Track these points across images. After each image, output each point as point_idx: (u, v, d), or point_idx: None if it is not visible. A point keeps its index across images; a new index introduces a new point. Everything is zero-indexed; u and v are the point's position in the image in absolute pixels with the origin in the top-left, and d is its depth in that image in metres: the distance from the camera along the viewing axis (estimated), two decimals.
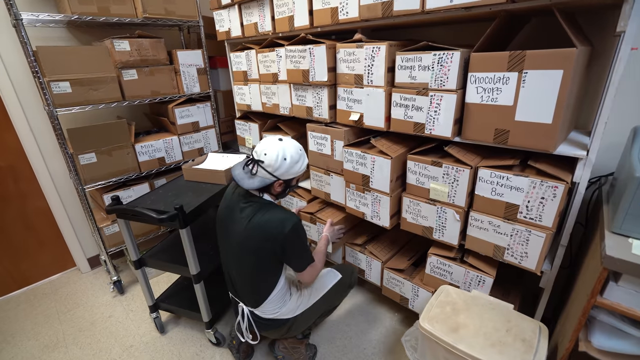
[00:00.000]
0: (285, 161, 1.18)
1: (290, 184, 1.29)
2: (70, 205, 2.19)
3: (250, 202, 1.25)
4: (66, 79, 1.66)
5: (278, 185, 1.24)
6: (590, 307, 0.92)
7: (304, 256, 1.28)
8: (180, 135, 2.13)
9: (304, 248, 1.26)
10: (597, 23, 1.22)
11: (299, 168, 1.23)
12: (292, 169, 1.21)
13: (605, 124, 0.98)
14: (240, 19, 1.91)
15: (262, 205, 1.23)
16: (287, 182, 1.27)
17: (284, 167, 1.18)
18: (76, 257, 2.32)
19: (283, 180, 1.23)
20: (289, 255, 1.25)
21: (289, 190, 1.33)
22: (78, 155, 1.75)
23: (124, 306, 2.01)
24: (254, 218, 1.20)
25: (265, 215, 1.20)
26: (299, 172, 1.25)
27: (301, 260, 1.28)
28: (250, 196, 1.27)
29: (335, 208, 1.87)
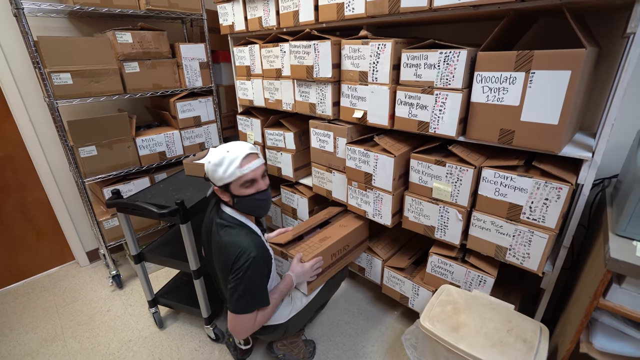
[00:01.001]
0: (209, 164, 1.11)
1: (230, 191, 1.13)
2: (69, 198, 2.17)
3: (221, 219, 1.18)
4: (67, 70, 1.64)
5: (221, 193, 1.15)
6: (592, 309, 0.92)
7: (242, 298, 1.08)
8: (181, 130, 2.12)
9: (247, 290, 1.08)
10: (605, 24, 1.22)
11: (223, 173, 1.08)
12: (216, 173, 1.10)
13: (612, 126, 0.98)
14: (244, 13, 1.89)
15: (232, 228, 1.15)
16: (229, 191, 1.13)
17: (209, 170, 1.11)
18: (75, 251, 2.31)
19: (219, 187, 1.13)
20: (229, 288, 1.10)
21: (237, 200, 1.15)
22: (78, 148, 1.74)
23: (122, 300, 2.00)
24: (221, 239, 1.14)
25: (228, 238, 1.12)
26: (224, 177, 1.09)
27: (237, 302, 1.09)
28: (222, 213, 1.20)
29: (318, 238, 1.53)
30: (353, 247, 1.66)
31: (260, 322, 1.18)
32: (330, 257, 1.51)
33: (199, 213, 1.48)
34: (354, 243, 1.66)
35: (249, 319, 1.13)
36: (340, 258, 1.58)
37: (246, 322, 1.13)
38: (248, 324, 1.14)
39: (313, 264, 1.36)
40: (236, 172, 1.09)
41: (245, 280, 1.07)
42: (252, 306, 1.12)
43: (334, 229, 1.62)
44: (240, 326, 1.13)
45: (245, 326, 1.14)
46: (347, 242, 1.60)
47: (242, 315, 1.11)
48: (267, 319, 1.21)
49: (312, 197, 1.97)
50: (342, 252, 1.58)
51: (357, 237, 1.67)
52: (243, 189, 1.13)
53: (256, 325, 1.16)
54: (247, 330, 1.16)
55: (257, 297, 1.13)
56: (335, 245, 1.52)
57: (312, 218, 1.73)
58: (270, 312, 1.22)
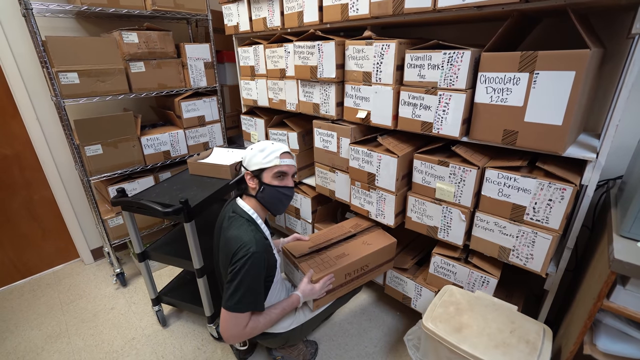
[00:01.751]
0: (251, 150, 1.22)
1: (262, 178, 1.20)
2: (75, 196, 2.20)
3: (234, 212, 1.22)
4: (74, 69, 1.66)
5: (249, 178, 1.22)
6: (596, 310, 0.91)
7: (235, 294, 1.07)
8: (186, 129, 2.13)
9: (242, 285, 1.07)
10: (610, 25, 1.21)
11: (263, 158, 1.18)
12: (255, 157, 1.19)
13: (616, 127, 0.97)
14: (249, 13, 1.91)
15: (239, 221, 1.17)
16: (258, 177, 1.20)
17: (248, 155, 1.21)
18: (80, 248, 2.33)
19: (251, 172, 1.21)
20: (225, 283, 1.11)
21: (264, 189, 1.20)
22: (84, 147, 1.76)
23: (126, 298, 2.01)
24: (226, 232, 1.17)
25: (233, 231, 1.14)
26: (263, 162, 1.18)
27: (230, 297, 1.08)
28: (235, 206, 1.24)
29: (336, 254, 1.45)
30: (372, 268, 1.52)
31: (251, 331, 1.14)
32: (343, 277, 1.41)
33: (203, 212, 1.49)
34: (374, 264, 1.52)
35: (239, 320, 1.10)
36: (355, 278, 1.47)
37: (236, 323, 1.10)
38: (238, 326, 1.10)
39: (323, 284, 1.32)
40: (274, 161, 1.19)
41: (241, 274, 1.07)
42: (244, 305, 1.09)
43: (356, 246, 1.51)
44: (229, 327, 1.10)
45: (234, 329, 1.10)
46: (367, 262, 1.48)
47: (232, 314, 1.08)
48: (258, 330, 1.17)
49: (315, 197, 1.98)
50: (358, 272, 1.47)
51: (379, 258, 1.53)
52: (274, 179, 1.21)
53: (246, 332, 1.12)
54: (236, 335, 1.12)
55: (251, 296, 1.10)
56: (352, 265, 1.42)
57: (335, 227, 1.65)
58: (265, 325, 1.18)
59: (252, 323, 1.14)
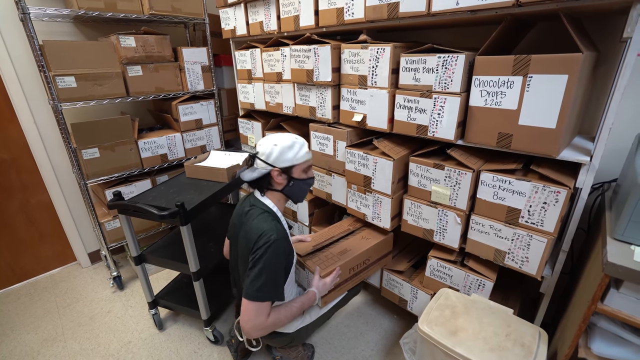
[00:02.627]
0: (275, 147, 1.15)
1: (291, 174, 1.20)
2: (72, 200, 2.19)
3: (252, 206, 1.22)
4: (71, 73, 1.67)
5: (277, 175, 1.18)
6: (590, 314, 0.91)
7: (256, 281, 1.07)
8: (183, 132, 2.14)
9: (263, 272, 1.07)
10: (604, 28, 1.22)
11: (294, 155, 1.17)
12: (284, 155, 1.16)
13: (609, 130, 0.98)
14: (246, 17, 1.92)
15: (259, 212, 1.18)
16: (287, 172, 1.19)
17: (275, 152, 1.15)
18: (77, 252, 2.33)
19: (280, 169, 1.17)
20: (247, 270, 1.10)
21: (293, 183, 1.21)
22: (81, 150, 1.76)
23: (123, 302, 2.01)
24: (246, 224, 1.17)
25: (253, 222, 1.15)
26: (294, 159, 1.17)
27: (251, 284, 1.07)
28: (255, 200, 1.23)
29: (338, 250, 1.49)
30: (373, 262, 1.57)
31: (273, 322, 1.13)
32: (348, 272, 1.44)
33: (200, 215, 1.49)
34: (375, 258, 1.57)
35: (262, 309, 1.08)
36: (358, 273, 1.50)
37: (258, 312, 1.08)
38: (260, 316, 1.09)
39: (332, 279, 1.35)
40: (306, 156, 1.20)
41: (262, 261, 1.07)
42: (266, 294, 1.08)
43: (356, 242, 1.55)
44: (252, 317, 1.08)
45: (257, 318, 1.08)
46: (368, 257, 1.52)
47: (254, 303, 1.07)
48: (280, 323, 1.16)
49: (312, 200, 1.98)
50: (361, 266, 1.50)
51: (378, 252, 1.58)
52: (303, 172, 1.22)
53: (268, 323, 1.11)
54: (258, 325, 1.10)
55: (272, 284, 1.09)
56: (355, 259, 1.45)
57: (334, 227, 1.69)
58: (286, 318, 1.18)
59: (274, 314, 1.13)
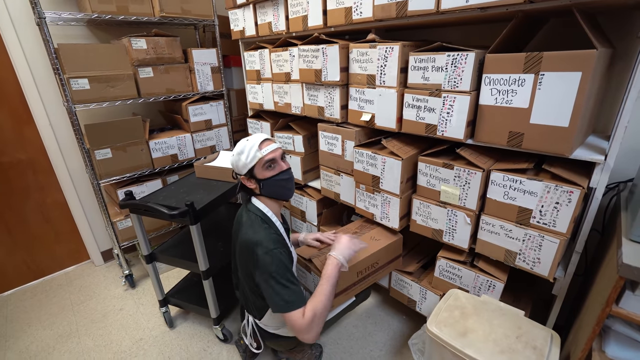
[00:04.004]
0: (233, 156, 1.20)
1: (255, 176, 1.20)
2: (85, 200, 2.25)
3: (249, 212, 1.23)
4: (85, 75, 1.71)
5: (247, 181, 1.22)
6: (605, 317, 0.89)
7: (278, 295, 1.06)
8: (193, 133, 2.17)
9: (278, 284, 1.06)
10: (620, 24, 1.19)
11: (246, 158, 1.17)
12: (240, 161, 1.18)
13: (625, 128, 0.95)
14: (254, 18, 1.93)
15: (252, 219, 1.19)
16: (253, 176, 1.20)
17: (234, 162, 1.21)
18: (90, 250, 2.38)
19: (244, 176, 1.21)
20: (262, 286, 1.10)
21: (263, 184, 1.20)
22: (94, 151, 1.80)
23: (134, 300, 2.05)
24: (242, 233, 1.18)
25: (247, 231, 1.16)
26: (247, 163, 1.17)
27: (278, 299, 1.06)
28: (250, 206, 1.25)
29: None
30: (382, 265, 1.50)
31: (320, 314, 1.09)
32: (356, 275, 1.39)
33: (209, 214, 1.51)
34: (384, 261, 1.50)
35: (297, 315, 1.06)
36: (366, 276, 1.44)
37: (297, 319, 1.06)
38: (305, 320, 1.06)
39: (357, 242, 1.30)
40: (257, 155, 1.17)
41: (272, 274, 1.07)
42: (294, 303, 1.06)
43: (365, 241, 1.47)
44: (303, 325, 1.06)
45: (304, 323, 1.06)
46: (377, 260, 1.45)
47: (293, 313, 1.06)
48: (325, 308, 1.12)
49: (320, 199, 1.98)
50: (369, 269, 1.44)
51: (387, 255, 1.51)
52: (266, 171, 1.20)
53: (316, 320, 1.08)
54: (311, 327, 1.07)
55: (293, 289, 1.08)
56: (363, 262, 1.39)
57: (341, 230, 1.66)
58: (327, 301, 1.13)
59: (311, 309, 1.09)
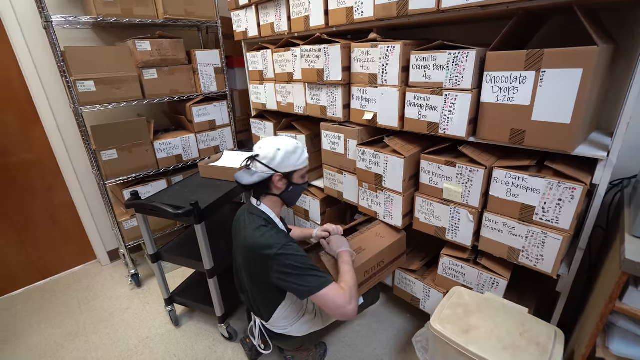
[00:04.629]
0: (279, 151, 1.14)
1: (291, 179, 1.20)
2: (92, 200, 2.28)
3: (252, 214, 1.20)
4: (91, 78, 1.73)
5: (278, 180, 1.17)
6: (608, 313, 0.89)
7: (306, 280, 1.05)
8: (197, 133, 2.19)
9: (301, 269, 1.06)
10: (623, 21, 1.18)
11: (296, 160, 1.17)
12: (287, 160, 1.15)
13: (627, 124, 0.95)
14: (257, 19, 1.95)
15: (260, 223, 1.15)
16: (288, 178, 1.19)
17: (278, 157, 1.14)
18: (97, 250, 2.41)
19: (282, 174, 1.16)
20: (285, 280, 1.08)
21: (292, 189, 1.22)
22: (100, 152, 1.83)
23: (140, 299, 2.07)
24: (248, 237, 1.14)
25: (256, 233, 1.13)
26: (297, 165, 1.17)
27: (306, 284, 1.05)
28: (252, 208, 1.22)
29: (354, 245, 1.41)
30: (387, 264, 1.48)
31: (353, 287, 1.10)
32: (362, 275, 1.35)
33: (214, 214, 1.52)
34: (389, 259, 1.48)
35: (333, 290, 1.05)
36: (372, 275, 1.41)
37: (336, 294, 1.05)
38: (339, 296, 1.05)
39: None
40: (306, 161, 1.21)
41: (292, 265, 1.06)
42: (321, 278, 1.06)
43: (370, 239, 1.46)
44: (339, 303, 1.04)
45: (340, 299, 1.04)
46: (382, 259, 1.44)
47: (324, 291, 1.04)
48: (355, 280, 1.13)
49: (324, 198, 1.99)
50: (375, 269, 1.42)
51: (392, 253, 1.49)
52: (301, 178, 1.22)
53: (349, 292, 1.07)
54: (347, 301, 1.05)
55: (318, 272, 1.07)
56: (370, 261, 1.36)
57: None
58: (353, 275, 1.15)
59: (343, 282, 1.11)
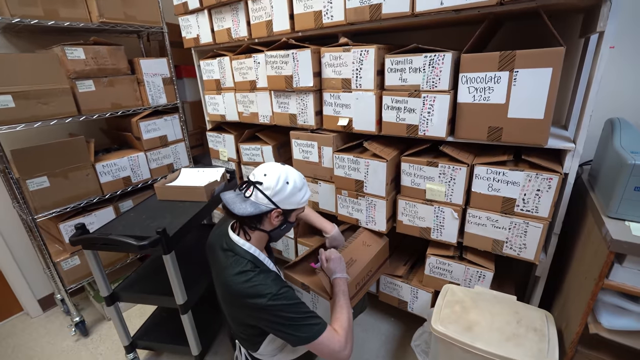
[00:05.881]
0: (287, 185, 1.00)
1: (288, 217, 1.08)
2: (13, 240, 1.86)
3: (233, 254, 1.03)
4: (7, 91, 1.42)
5: (275, 217, 1.03)
6: (598, 290, 0.96)
7: (302, 329, 0.95)
8: (147, 151, 1.94)
9: (296, 317, 0.96)
10: (563, 26, 1.33)
11: (301, 198, 1.05)
12: (293, 197, 1.02)
13: (590, 117, 1.06)
14: (210, 24, 1.80)
15: (245, 267, 0.99)
16: (286, 215, 1.06)
17: (285, 192, 1.00)
18: (23, 300, 1.98)
19: (282, 210, 1.03)
20: (276, 330, 0.97)
21: (284, 227, 1.10)
22: (26, 180, 1.50)
23: (90, 350, 1.74)
24: (231, 283, 0.98)
25: (240, 278, 0.97)
26: (299, 203, 1.05)
27: (301, 333, 0.95)
28: (237, 248, 1.04)
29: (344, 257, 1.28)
30: (374, 272, 1.45)
31: (347, 329, 1.01)
32: (354, 287, 1.29)
33: (183, 240, 1.34)
34: (375, 267, 1.45)
35: (328, 337, 0.96)
36: (362, 287, 1.36)
37: (330, 341, 0.96)
38: (334, 342, 0.96)
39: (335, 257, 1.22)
40: (306, 199, 1.08)
41: (286, 316, 0.94)
42: (315, 326, 0.96)
43: (358, 249, 1.41)
44: (334, 349, 0.96)
45: (335, 345, 0.96)
46: (370, 268, 1.40)
47: (319, 340, 0.95)
48: (350, 323, 1.04)
49: None
50: (365, 279, 1.37)
51: (379, 260, 1.48)
52: (295, 216, 1.12)
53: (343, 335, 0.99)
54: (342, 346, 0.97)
55: (310, 315, 0.98)
56: (361, 273, 1.32)
57: None
58: (348, 316, 1.06)
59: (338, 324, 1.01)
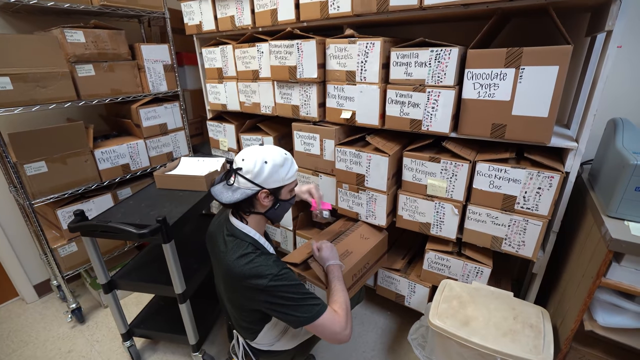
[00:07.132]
0: (265, 164, 0.99)
1: (279, 195, 1.06)
2: (9, 225, 1.85)
3: (234, 237, 1.04)
4: (5, 73, 1.39)
5: (264, 197, 1.02)
6: (595, 288, 0.97)
7: (302, 308, 0.97)
8: (146, 139, 1.92)
9: (297, 297, 0.97)
10: (569, 24, 1.32)
11: (285, 174, 1.03)
12: (275, 175, 1.01)
13: (594, 117, 1.06)
14: (213, 11, 1.77)
15: (246, 250, 1.00)
16: (275, 194, 1.05)
17: (265, 171, 0.99)
18: (19, 285, 1.97)
19: (269, 190, 1.02)
20: (277, 311, 0.98)
21: (279, 205, 1.09)
22: (24, 165, 1.48)
23: (86, 337, 1.74)
24: (232, 266, 0.99)
25: (241, 261, 0.98)
26: (285, 179, 1.04)
27: (302, 313, 0.97)
28: (232, 228, 1.06)
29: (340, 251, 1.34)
30: (372, 265, 1.47)
31: (346, 311, 1.02)
32: (351, 278, 1.30)
33: (183, 229, 1.34)
34: (373, 260, 1.46)
35: (329, 318, 0.97)
36: (359, 278, 1.37)
37: (332, 322, 0.97)
38: (335, 323, 0.97)
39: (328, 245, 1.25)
40: (295, 175, 1.08)
41: (286, 296, 0.95)
42: (316, 307, 0.96)
43: (355, 241, 1.42)
44: (335, 330, 0.97)
45: (336, 326, 0.97)
46: (368, 260, 1.40)
47: (319, 320, 0.96)
48: (347, 301, 1.05)
49: (296, 202, 1.89)
50: (362, 271, 1.38)
51: (377, 253, 1.49)
52: (289, 193, 1.09)
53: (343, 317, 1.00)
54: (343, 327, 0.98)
55: (311, 296, 0.99)
56: (357, 265, 1.32)
57: (325, 232, 1.58)
58: (345, 295, 1.07)
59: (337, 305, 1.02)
